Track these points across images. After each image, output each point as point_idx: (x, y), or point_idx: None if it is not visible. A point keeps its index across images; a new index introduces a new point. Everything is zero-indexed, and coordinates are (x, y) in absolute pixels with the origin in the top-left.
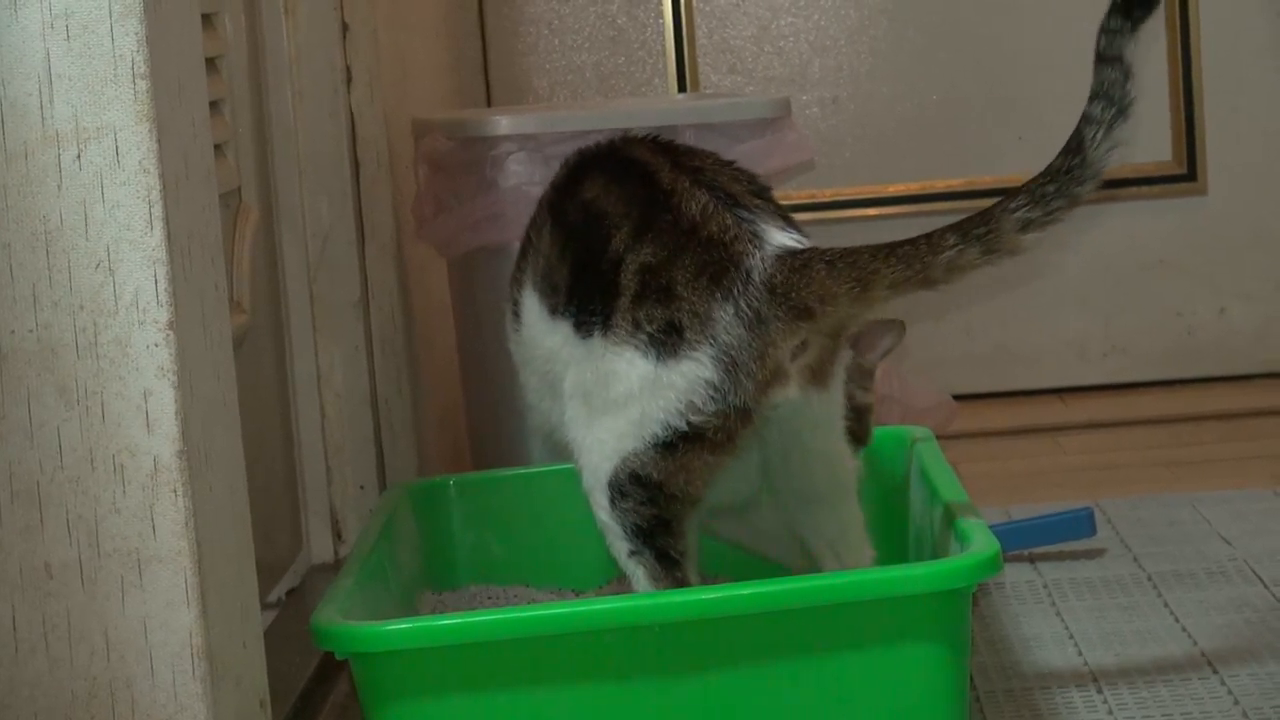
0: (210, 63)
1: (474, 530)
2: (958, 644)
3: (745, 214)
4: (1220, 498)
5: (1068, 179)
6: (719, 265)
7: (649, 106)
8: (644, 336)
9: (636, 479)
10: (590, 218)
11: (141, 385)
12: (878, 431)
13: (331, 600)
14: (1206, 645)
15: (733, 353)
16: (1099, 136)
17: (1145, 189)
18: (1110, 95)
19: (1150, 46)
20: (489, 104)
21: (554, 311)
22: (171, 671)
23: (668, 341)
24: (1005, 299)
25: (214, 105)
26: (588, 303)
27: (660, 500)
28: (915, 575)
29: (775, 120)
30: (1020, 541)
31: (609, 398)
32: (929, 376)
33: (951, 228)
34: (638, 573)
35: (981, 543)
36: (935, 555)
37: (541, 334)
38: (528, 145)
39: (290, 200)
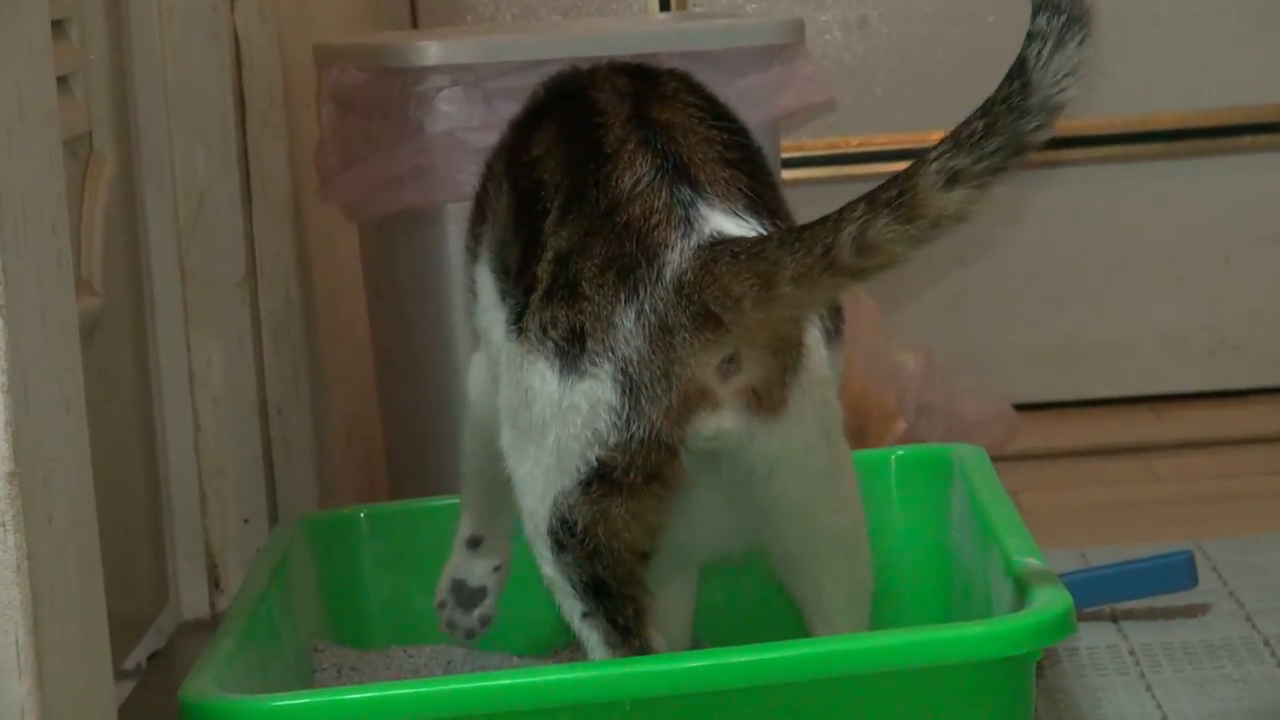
0: None
1: (392, 576)
2: None
3: (686, 191)
4: None
5: (1004, 111)
6: (629, 258)
7: (621, 30)
8: (551, 344)
9: (569, 528)
10: (534, 183)
11: None
12: (914, 451)
13: (206, 667)
14: None
15: (631, 370)
16: (1045, 53)
17: (1263, 139)
18: (1057, 1)
19: None
20: (414, 26)
21: (503, 298)
22: None
23: (570, 352)
24: (1079, 282)
25: (57, 25)
26: (515, 299)
27: (588, 555)
28: (961, 638)
29: (785, 48)
30: (1100, 594)
31: (532, 420)
32: (982, 381)
33: (863, 197)
34: (591, 638)
35: (1048, 596)
36: (988, 613)
37: (491, 322)
38: (463, 79)
39: (155, 148)
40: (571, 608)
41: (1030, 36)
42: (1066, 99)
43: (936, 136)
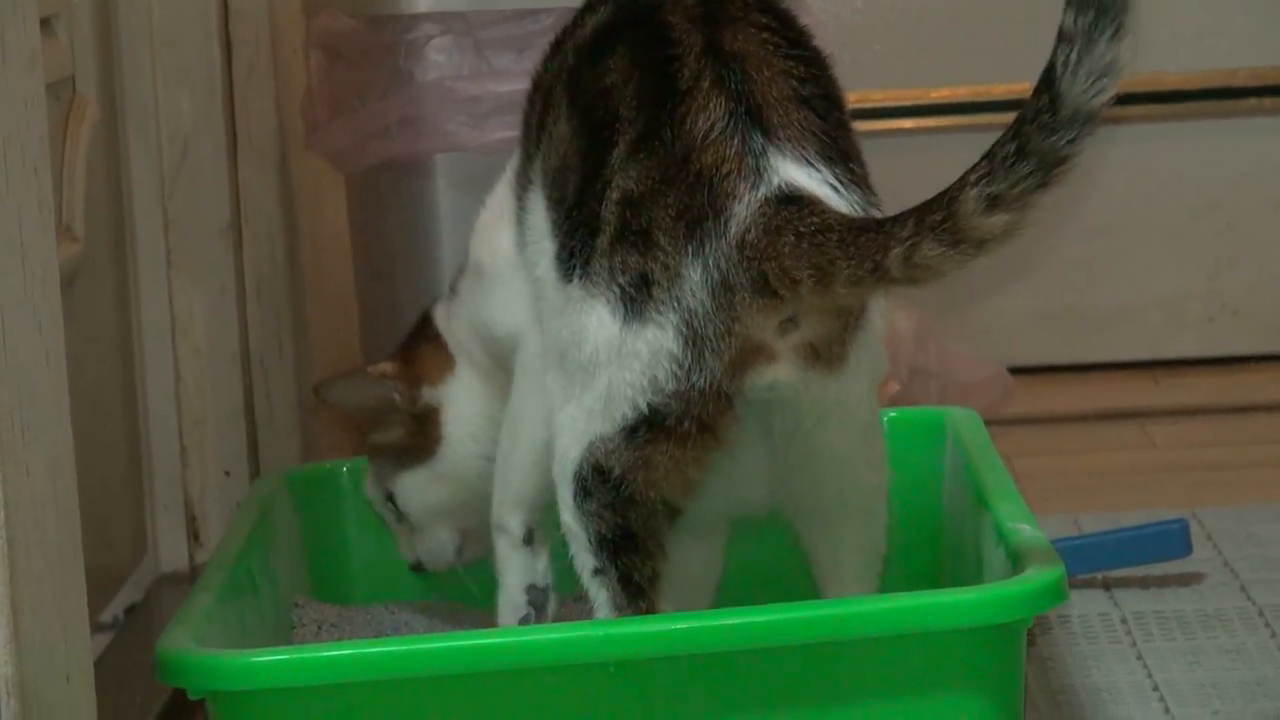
0: None
1: (374, 532)
2: (1006, 695)
3: (759, 139)
4: None
5: (1035, 130)
6: (699, 210)
7: None
8: (616, 289)
9: (600, 473)
10: (606, 114)
11: None
12: (906, 414)
13: (184, 621)
14: None
15: (695, 322)
16: (1073, 58)
17: (1267, 102)
18: None
19: None
20: None
21: (553, 228)
22: None
23: (637, 299)
24: (1081, 245)
25: None
26: (572, 236)
27: (619, 504)
28: (952, 604)
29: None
30: (1093, 561)
31: (582, 362)
32: (978, 343)
33: (912, 212)
34: (599, 597)
35: (1041, 562)
36: (980, 579)
37: (540, 253)
38: (455, 27)
39: (139, 93)
40: (583, 562)
41: (1059, 38)
42: (1100, 103)
43: (938, 94)
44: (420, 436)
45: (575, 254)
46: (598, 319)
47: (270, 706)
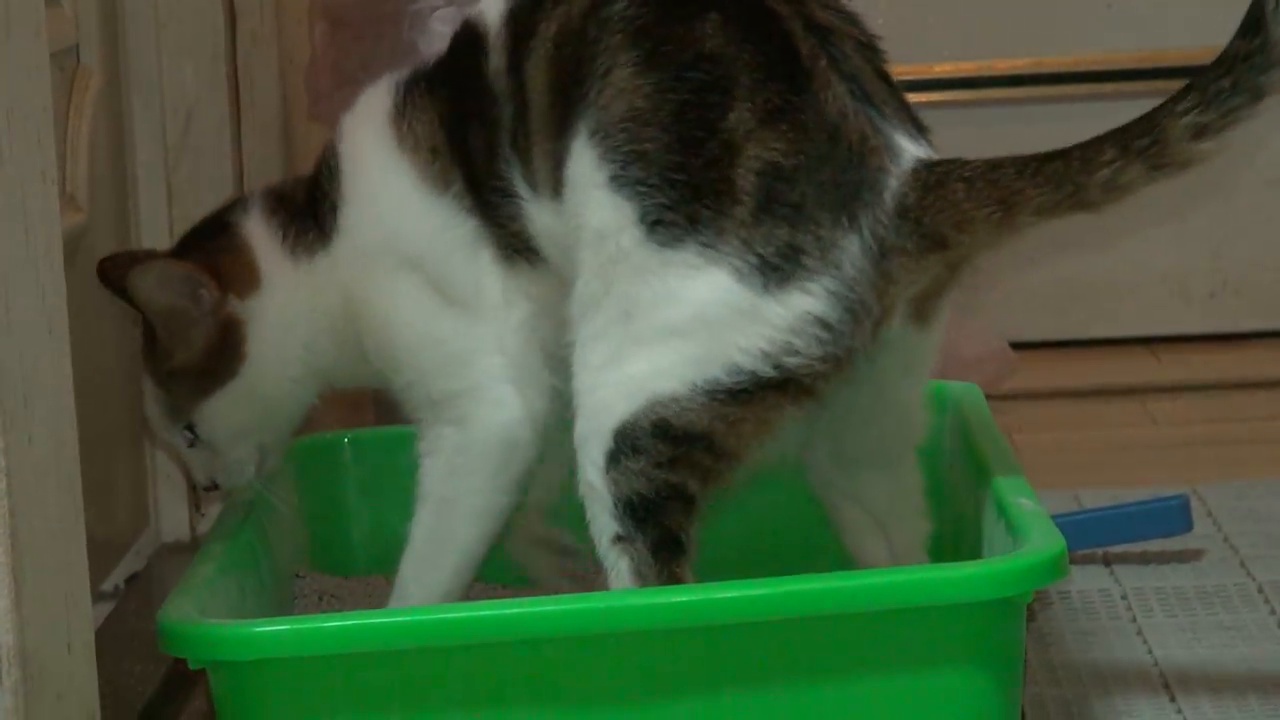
0: None
1: (375, 503)
2: (1007, 671)
3: (876, 115)
4: None
5: (1246, 68)
6: (853, 183)
7: None
8: (753, 258)
9: (664, 431)
10: (709, 79)
11: None
12: None
13: (186, 591)
14: None
15: (856, 289)
16: (1276, 3)
17: None
18: None
19: None
20: None
21: (619, 183)
22: None
23: (782, 269)
24: (1082, 219)
25: None
26: (685, 200)
27: (688, 461)
28: (951, 578)
29: None
30: (1093, 537)
31: (665, 323)
32: (979, 317)
33: (1108, 138)
34: (620, 565)
35: (1041, 538)
36: (979, 553)
37: (588, 205)
38: None
39: (143, 63)
40: (603, 527)
41: None
42: None
43: (941, 69)
44: (220, 355)
45: (695, 220)
46: (712, 284)
47: (271, 677)
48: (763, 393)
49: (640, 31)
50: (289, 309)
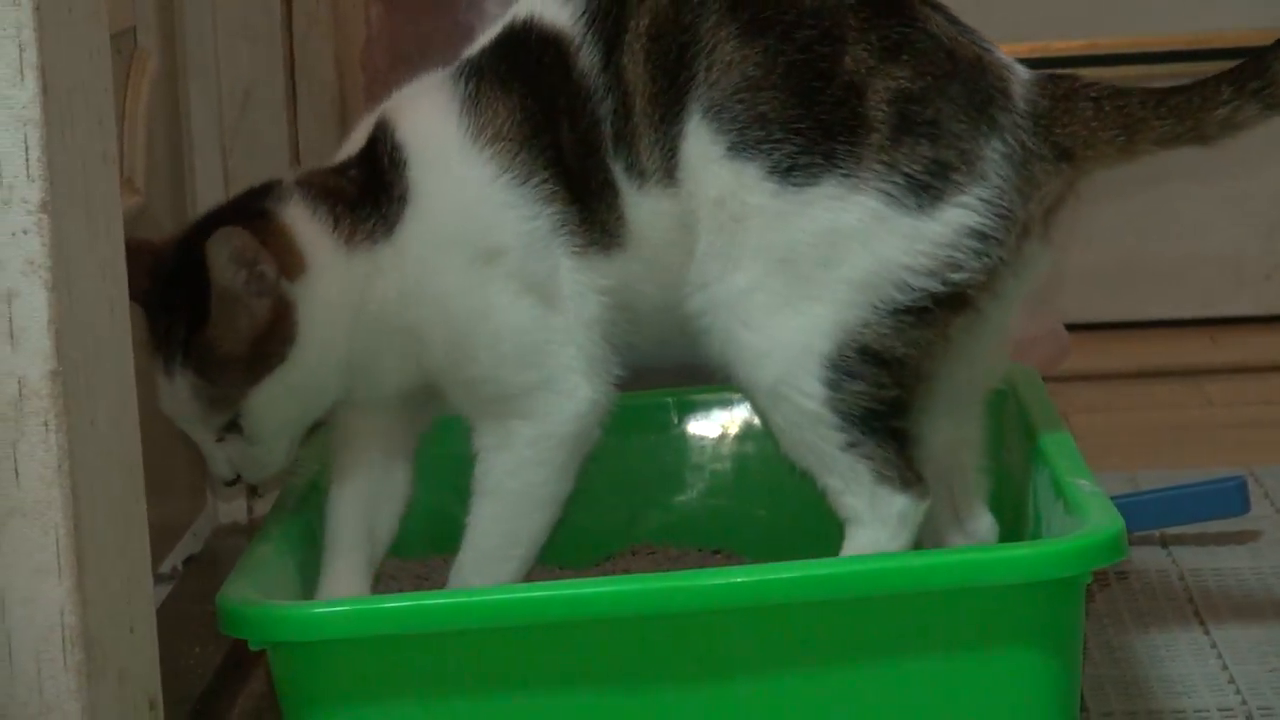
0: None
1: (432, 485)
2: (1066, 651)
3: (978, 39)
4: None
5: None
6: (985, 92)
7: None
8: (899, 179)
9: (872, 356)
10: (820, 31)
11: (4, 284)
12: None
13: (245, 572)
14: None
15: (1004, 197)
16: None
17: None
18: None
19: None
20: None
21: (738, 149)
22: (36, 660)
23: (932, 185)
24: (1138, 200)
25: None
26: (816, 141)
27: (898, 379)
28: (1012, 559)
29: None
30: (1150, 518)
31: (835, 258)
32: (1035, 299)
33: (1224, 78)
34: (857, 469)
35: (1100, 518)
36: (1038, 534)
37: (706, 179)
38: None
39: (200, 45)
40: (830, 441)
41: None
42: None
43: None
44: (271, 338)
45: (831, 156)
46: (869, 212)
47: (331, 657)
48: (937, 308)
49: (737, 4)
50: (338, 295)
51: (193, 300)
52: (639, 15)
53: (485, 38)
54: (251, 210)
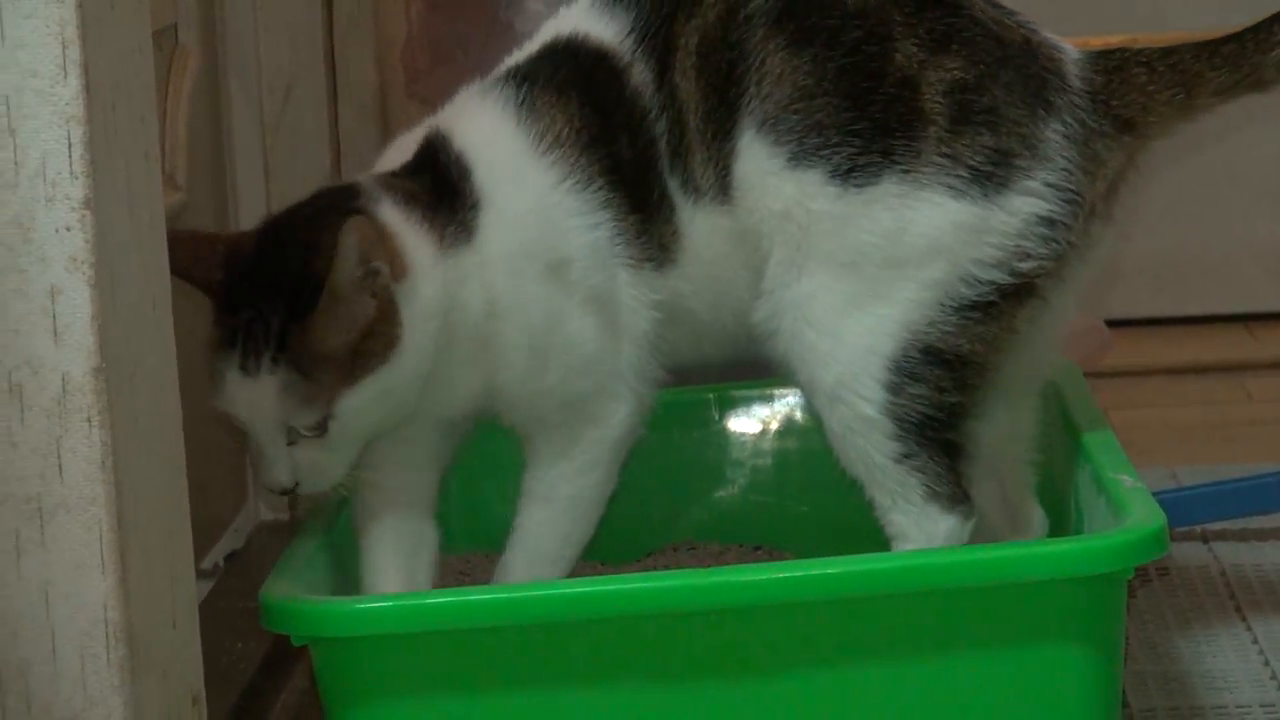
0: None
1: (472, 482)
2: (1107, 646)
3: (1024, 21)
4: None
5: None
6: (1038, 75)
7: None
8: (963, 171)
9: (936, 356)
10: (867, 31)
11: (48, 281)
12: None
13: (287, 569)
14: None
15: (1070, 179)
16: None
17: None
18: None
19: None
20: None
21: (798, 159)
22: (80, 656)
23: (995, 174)
24: (1177, 194)
25: None
26: (874, 140)
27: (961, 381)
28: (1054, 554)
29: None
30: (1191, 514)
31: (901, 257)
32: (1077, 295)
33: (1276, 18)
34: (908, 483)
35: (1141, 514)
36: (1080, 530)
37: (767, 194)
38: None
39: (241, 42)
40: (884, 451)
41: None
42: None
43: None
44: (377, 337)
45: (889, 153)
46: (935, 206)
47: (373, 653)
48: (1005, 300)
49: (782, 16)
50: (434, 301)
51: (293, 292)
52: (687, 34)
53: (522, 53)
54: (347, 209)
